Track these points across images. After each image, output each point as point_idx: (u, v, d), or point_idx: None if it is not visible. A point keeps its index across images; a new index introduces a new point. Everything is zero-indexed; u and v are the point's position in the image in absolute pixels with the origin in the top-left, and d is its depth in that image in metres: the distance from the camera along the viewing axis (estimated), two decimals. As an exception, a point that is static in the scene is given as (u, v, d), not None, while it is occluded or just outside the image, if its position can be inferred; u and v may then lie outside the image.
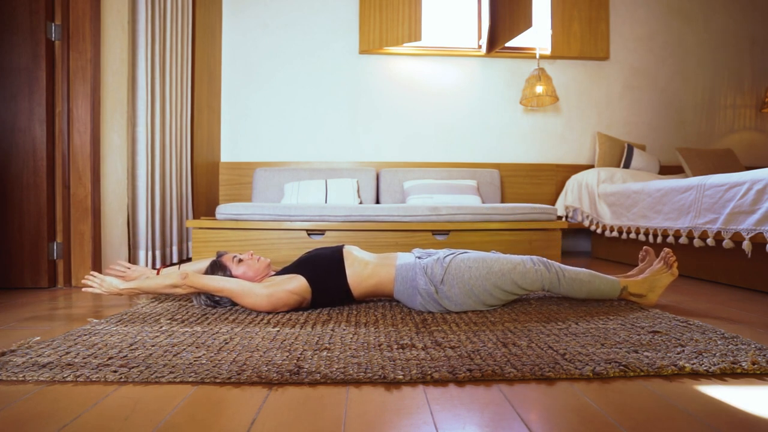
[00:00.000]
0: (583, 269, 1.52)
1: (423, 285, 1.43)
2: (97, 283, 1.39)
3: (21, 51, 1.86)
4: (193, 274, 1.39)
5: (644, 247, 1.67)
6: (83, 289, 1.40)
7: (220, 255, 1.54)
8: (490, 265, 1.44)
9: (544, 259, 1.50)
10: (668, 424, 0.73)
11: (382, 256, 1.56)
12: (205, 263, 1.64)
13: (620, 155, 3.42)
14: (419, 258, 1.51)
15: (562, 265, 1.49)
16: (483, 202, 3.17)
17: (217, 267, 1.49)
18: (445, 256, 1.47)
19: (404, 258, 1.52)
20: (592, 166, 3.56)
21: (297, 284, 1.41)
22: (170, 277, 1.38)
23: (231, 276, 1.48)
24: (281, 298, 1.40)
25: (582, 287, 1.48)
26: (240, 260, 1.50)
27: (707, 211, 2.08)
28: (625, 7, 3.63)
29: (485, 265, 1.44)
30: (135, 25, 2.31)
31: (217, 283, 1.40)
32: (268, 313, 1.43)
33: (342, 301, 1.52)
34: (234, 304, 1.52)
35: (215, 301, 1.49)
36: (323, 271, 1.45)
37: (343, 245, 1.56)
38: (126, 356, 1.01)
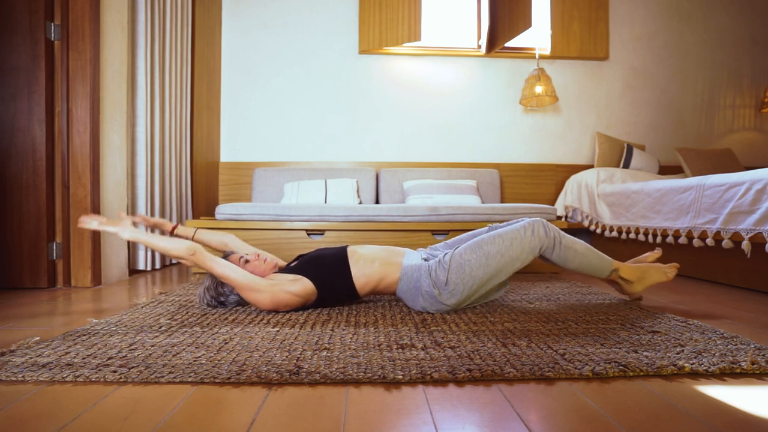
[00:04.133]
0: (581, 241, 1.50)
1: (426, 287, 1.43)
2: (96, 223, 1.34)
3: (20, 51, 1.86)
4: (201, 252, 1.35)
5: (658, 248, 1.66)
6: (79, 224, 1.34)
7: (227, 255, 1.54)
8: (487, 250, 1.41)
9: (545, 222, 1.45)
10: (668, 424, 0.73)
11: (389, 251, 1.53)
12: (219, 236, 1.65)
13: (620, 155, 3.42)
14: (426, 260, 1.50)
15: (561, 232, 1.47)
16: (483, 202, 3.17)
17: None
18: (444, 255, 1.46)
19: (411, 258, 1.51)
20: (591, 166, 3.56)
21: (301, 287, 1.41)
22: (179, 246, 1.33)
23: None
24: (284, 299, 1.39)
25: (575, 258, 1.45)
26: (246, 261, 1.50)
27: (706, 211, 2.08)
28: (624, 7, 3.63)
29: (482, 252, 1.40)
30: (134, 25, 2.31)
31: (223, 269, 1.36)
32: (269, 312, 1.43)
33: (347, 299, 1.52)
34: (237, 304, 1.52)
35: (220, 302, 1.49)
36: (328, 271, 1.45)
37: (347, 245, 1.56)
38: (125, 356, 1.01)
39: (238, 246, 1.68)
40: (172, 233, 1.65)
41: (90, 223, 1.34)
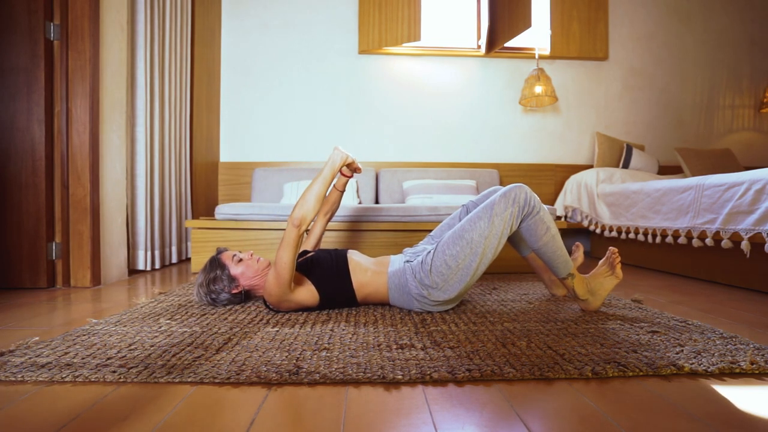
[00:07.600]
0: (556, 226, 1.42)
1: (415, 290, 1.42)
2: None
3: (20, 51, 1.85)
4: (299, 232, 1.29)
5: (576, 243, 1.69)
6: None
7: (219, 252, 1.52)
8: (470, 238, 1.35)
9: (527, 189, 1.37)
10: (667, 423, 0.73)
11: (377, 262, 1.53)
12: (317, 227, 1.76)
13: (619, 155, 3.42)
14: (408, 261, 1.47)
15: (541, 204, 1.39)
16: (482, 202, 3.16)
17: (215, 265, 1.48)
18: (427, 254, 1.43)
19: (395, 263, 1.49)
20: (591, 166, 3.56)
21: (309, 298, 1.42)
22: (312, 209, 1.32)
23: (229, 275, 1.47)
24: (290, 307, 1.42)
25: (545, 236, 1.37)
26: (240, 260, 1.49)
27: (706, 211, 2.08)
28: (623, 7, 3.63)
29: (464, 242, 1.36)
30: (134, 25, 2.31)
31: (284, 251, 1.28)
32: (269, 312, 1.43)
33: (345, 305, 1.51)
34: (229, 303, 1.52)
35: (213, 299, 1.49)
36: (331, 276, 1.45)
37: (346, 250, 1.56)
38: (125, 356, 1.01)
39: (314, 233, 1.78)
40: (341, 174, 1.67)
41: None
